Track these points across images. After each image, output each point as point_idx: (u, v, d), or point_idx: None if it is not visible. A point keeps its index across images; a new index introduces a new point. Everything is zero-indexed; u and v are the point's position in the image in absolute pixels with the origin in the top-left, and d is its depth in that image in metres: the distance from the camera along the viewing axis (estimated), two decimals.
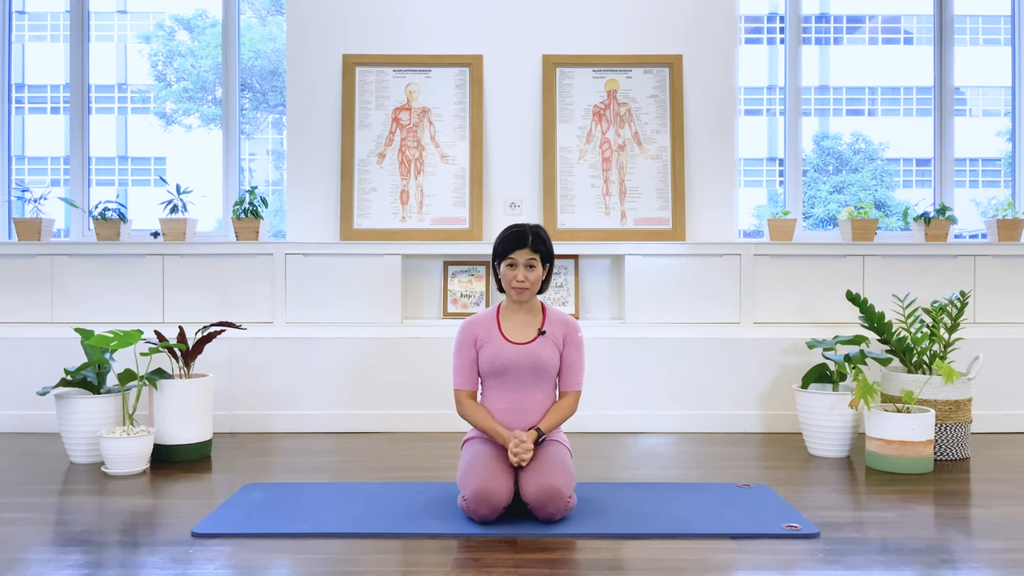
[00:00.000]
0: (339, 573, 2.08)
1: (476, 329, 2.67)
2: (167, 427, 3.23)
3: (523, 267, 2.62)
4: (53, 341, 3.77)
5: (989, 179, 4.95)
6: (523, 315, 2.69)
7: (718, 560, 2.18)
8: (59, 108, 4.69)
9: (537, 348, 2.62)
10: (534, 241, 2.62)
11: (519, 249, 2.61)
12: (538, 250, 2.62)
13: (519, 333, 2.65)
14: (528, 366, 2.61)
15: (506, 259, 2.63)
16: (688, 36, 4.16)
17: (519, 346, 2.62)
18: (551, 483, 2.39)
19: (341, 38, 4.15)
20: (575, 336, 2.68)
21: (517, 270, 2.62)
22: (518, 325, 2.67)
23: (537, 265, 2.63)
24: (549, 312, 2.72)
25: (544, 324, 2.68)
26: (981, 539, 2.36)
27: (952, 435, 3.30)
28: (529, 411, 2.61)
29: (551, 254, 2.69)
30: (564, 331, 2.68)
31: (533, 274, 2.63)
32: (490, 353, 2.62)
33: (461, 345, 2.67)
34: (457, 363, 2.67)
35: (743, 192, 4.44)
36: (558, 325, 2.68)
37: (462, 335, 2.67)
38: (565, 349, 2.67)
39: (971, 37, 4.77)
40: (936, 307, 3.47)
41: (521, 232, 2.63)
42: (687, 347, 3.83)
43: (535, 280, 2.64)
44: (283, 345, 3.83)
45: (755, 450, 3.48)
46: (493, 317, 2.69)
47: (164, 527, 2.44)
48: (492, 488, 2.38)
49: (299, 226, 4.14)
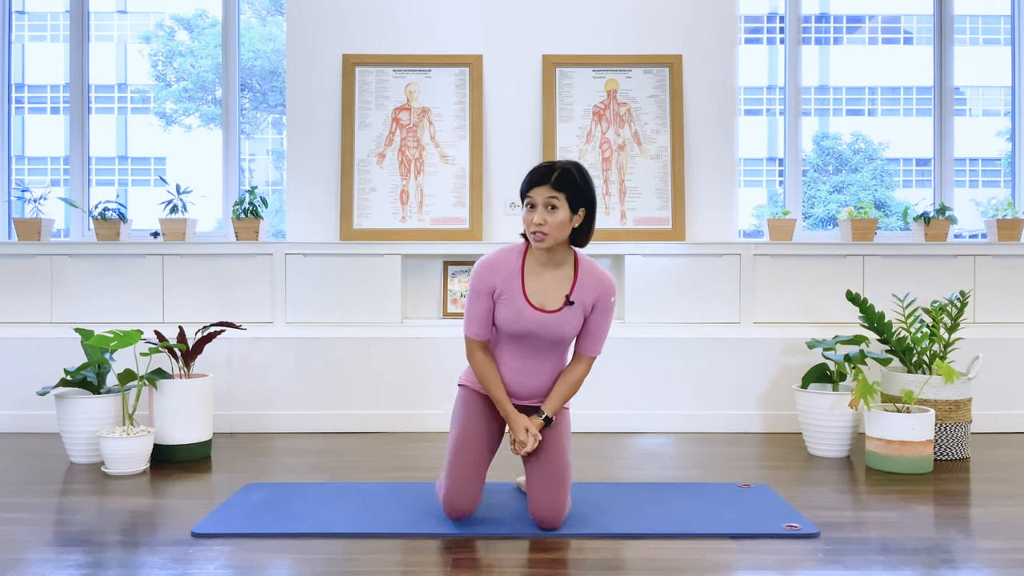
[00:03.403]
0: (339, 573, 2.08)
1: (495, 279, 2.31)
2: (167, 427, 3.23)
3: (542, 207, 2.23)
4: (53, 341, 3.77)
5: (989, 179, 4.96)
6: (552, 271, 2.32)
7: (718, 560, 2.18)
8: (59, 108, 4.69)
9: (562, 320, 2.30)
10: (558, 178, 2.22)
11: (538, 186, 2.23)
12: (562, 189, 2.22)
13: (545, 296, 2.30)
14: (548, 338, 2.33)
15: (525, 198, 2.27)
16: (688, 36, 4.16)
17: (543, 314, 2.30)
18: (560, 502, 2.33)
19: (341, 38, 4.15)
20: (607, 301, 2.33)
21: (536, 211, 2.24)
22: (545, 284, 2.31)
23: (561, 207, 2.23)
24: (582, 270, 2.33)
25: (574, 290, 2.30)
26: (981, 539, 2.36)
27: (952, 435, 3.30)
28: (541, 374, 2.38)
29: (588, 198, 2.26)
30: (596, 295, 2.32)
31: (554, 217, 2.22)
32: (508, 314, 2.30)
33: (476, 294, 2.31)
34: (471, 310, 2.33)
35: (743, 192, 4.44)
36: (590, 289, 2.31)
37: (479, 282, 2.31)
38: (593, 314, 2.33)
39: (971, 37, 4.77)
40: (936, 307, 3.47)
41: (545, 167, 2.25)
42: (687, 347, 3.83)
43: (557, 225, 2.22)
44: (283, 345, 3.83)
45: (755, 450, 3.48)
46: (517, 269, 2.31)
47: (164, 527, 2.44)
48: (463, 501, 2.34)
49: (299, 226, 4.14)
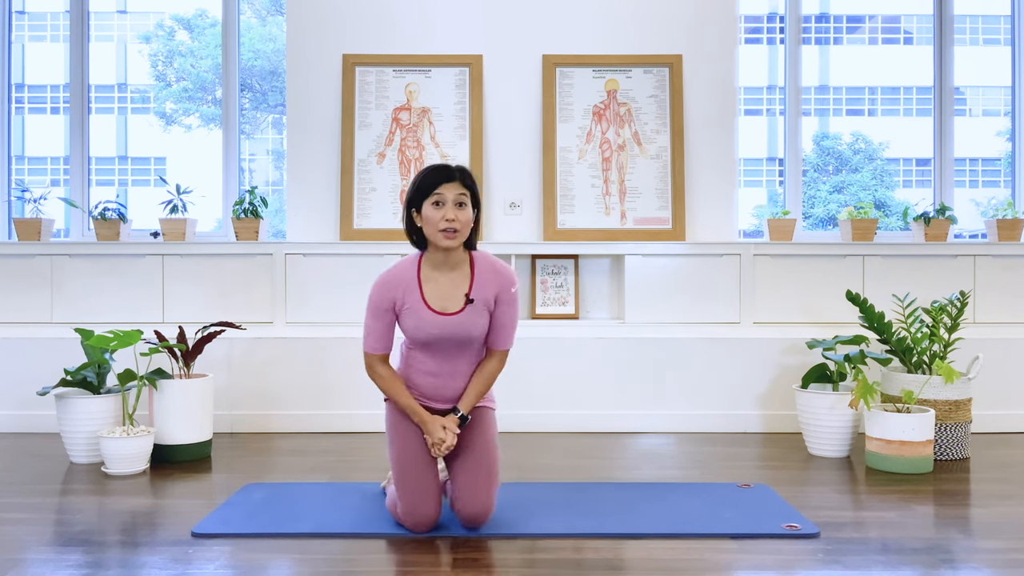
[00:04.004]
0: (339, 573, 2.08)
1: (394, 292, 2.31)
2: (167, 427, 3.23)
3: (452, 204, 2.23)
4: (53, 341, 3.77)
5: (989, 179, 4.96)
6: (448, 273, 2.32)
7: (718, 560, 2.18)
8: (59, 108, 4.69)
9: (465, 320, 2.30)
10: (462, 174, 2.27)
11: (447, 183, 2.24)
12: (469, 186, 2.27)
13: (444, 299, 2.31)
14: (455, 340, 2.33)
15: (431, 196, 2.24)
16: (688, 36, 4.16)
17: (445, 317, 2.30)
18: (485, 502, 2.31)
19: (341, 38, 4.15)
20: (509, 293, 2.33)
21: (445, 208, 2.23)
22: (443, 288, 2.31)
23: (467, 204, 2.26)
24: (478, 266, 2.33)
25: (472, 288, 2.30)
26: (981, 539, 2.36)
27: (952, 435, 3.30)
28: (456, 376, 2.38)
29: (478, 198, 2.32)
30: (497, 289, 2.32)
31: (464, 214, 2.25)
32: (412, 323, 2.31)
33: (376, 308, 2.32)
34: (370, 324, 2.33)
35: (743, 192, 4.44)
36: (490, 284, 2.32)
37: (378, 299, 2.32)
38: (497, 308, 2.33)
39: (971, 37, 4.77)
40: (936, 307, 3.47)
41: (444, 166, 2.28)
42: (687, 347, 3.83)
43: (466, 222, 2.26)
44: (283, 345, 3.83)
45: (755, 450, 3.48)
46: (414, 277, 2.32)
47: (164, 527, 2.44)
48: (424, 513, 2.31)
49: (299, 226, 4.14)
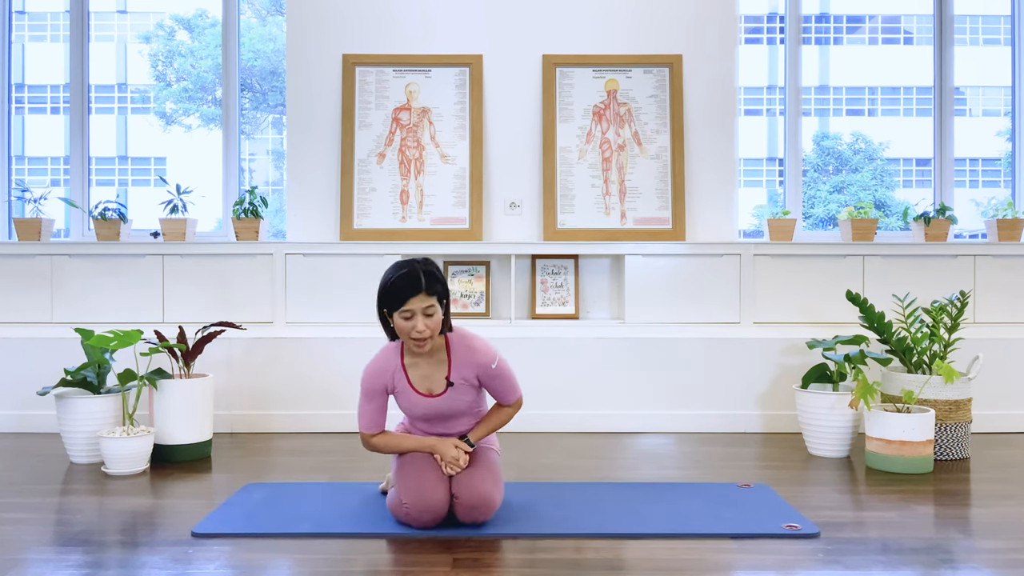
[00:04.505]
0: (339, 573, 2.08)
1: (383, 379, 2.44)
2: (167, 427, 3.23)
3: (421, 316, 2.30)
4: (53, 341, 3.77)
5: (989, 179, 4.96)
6: (427, 359, 2.43)
7: (718, 560, 2.18)
8: (59, 108, 4.69)
9: (450, 400, 2.45)
10: (428, 282, 2.30)
11: (414, 296, 2.28)
12: (434, 291, 2.31)
13: (429, 381, 2.44)
14: (448, 414, 2.48)
15: (400, 310, 2.30)
16: (688, 36, 4.16)
17: (431, 399, 2.45)
18: (482, 493, 2.34)
19: (341, 38, 4.15)
20: (489, 370, 2.43)
21: (415, 320, 2.30)
22: (425, 373, 2.44)
23: (436, 310, 2.32)
24: (454, 349, 2.43)
25: (451, 372, 2.42)
26: (981, 539, 2.36)
27: (952, 435, 3.30)
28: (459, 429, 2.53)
29: (447, 290, 2.37)
30: (476, 370, 2.43)
31: (433, 321, 2.32)
32: (405, 404, 2.48)
33: (371, 392, 2.44)
34: (364, 407, 2.45)
35: (743, 192, 4.44)
36: (468, 365, 2.42)
37: (371, 384, 2.44)
38: (485, 383, 2.46)
39: (971, 37, 4.77)
40: (936, 307, 3.47)
41: (412, 274, 2.30)
42: (687, 347, 3.83)
43: (436, 326, 2.33)
44: (283, 345, 3.83)
45: (755, 450, 3.48)
46: (399, 365, 2.44)
47: (164, 527, 2.44)
48: (433, 498, 2.33)
49: (299, 226, 4.14)
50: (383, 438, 2.50)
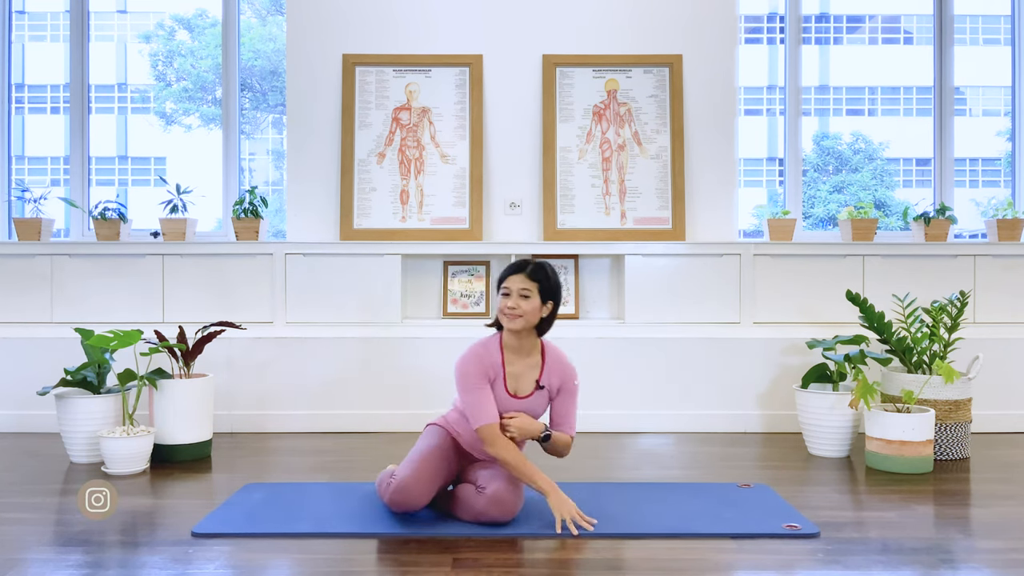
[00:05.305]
0: (339, 573, 2.08)
1: (486, 367, 2.49)
2: (167, 427, 3.23)
3: (516, 294, 2.47)
4: (53, 341, 3.77)
5: (989, 179, 4.95)
6: (524, 359, 2.54)
7: (718, 560, 2.18)
8: (59, 108, 4.69)
9: (533, 403, 2.54)
10: (533, 270, 2.49)
11: (514, 275, 2.49)
12: (536, 279, 2.48)
13: (519, 382, 2.53)
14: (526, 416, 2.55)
15: (500, 288, 2.51)
16: (688, 36, 4.16)
17: (518, 400, 2.52)
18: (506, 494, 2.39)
19: (341, 38, 4.15)
20: (570, 384, 2.56)
21: (511, 298, 2.47)
22: (518, 371, 2.53)
23: (533, 295, 2.47)
24: (548, 356, 2.57)
25: (543, 375, 2.54)
26: (981, 539, 2.36)
27: (952, 435, 3.30)
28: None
29: (554, 292, 2.51)
30: (560, 380, 2.55)
31: (527, 303, 2.46)
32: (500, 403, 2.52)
33: (478, 378, 2.47)
34: (478, 399, 2.45)
35: (743, 192, 4.44)
36: (556, 374, 2.55)
37: (476, 371, 2.47)
38: (559, 396, 2.56)
39: (971, 37, 4.77)
40: (936, 307, 3.47)
41: (521, 262, 2.53)
42: (687, 347, 3.83)
43: (528, 311, 2.46)
44: (283, 345, 3.83)
45: (755, 450, 3.48)
46: (499, 361, 2.52)
47: (164, 527, 2.44)
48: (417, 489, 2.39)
49: (299, 226, 4.14)
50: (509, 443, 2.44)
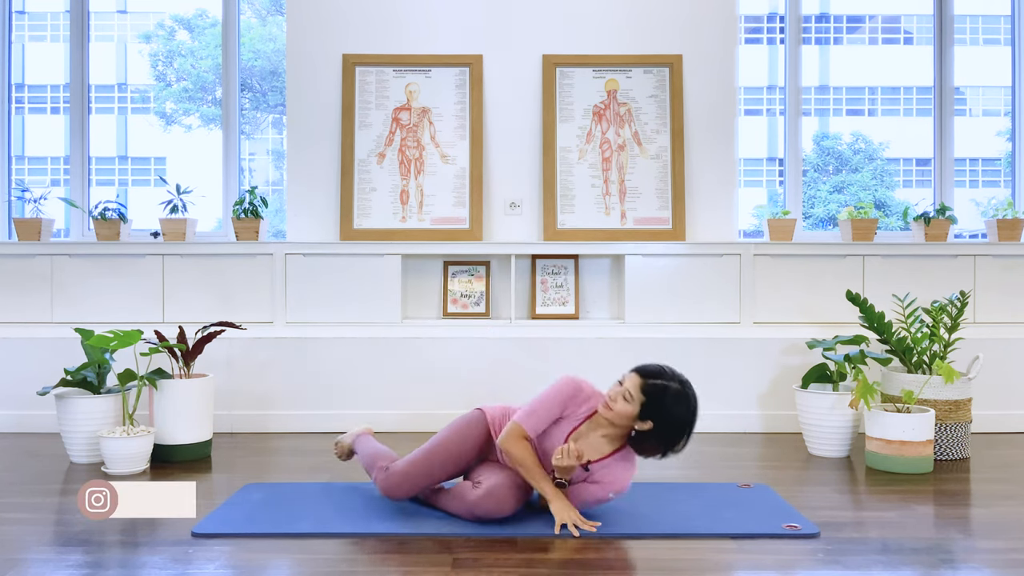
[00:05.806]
0: (339, 573, 2.08)
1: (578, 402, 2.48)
2: (167, 427, 3.23)
3: (624, 391, 2.39)
4: (53, 341, 3.77)
5: (989, 179, 4.95)
6: (600, 437, 2.46)
7: (718, 560, 2.18)
8: (59, 108, 4.69)
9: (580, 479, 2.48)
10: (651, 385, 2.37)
11: (635, 374, 2.42)
12: (646, 393, 2.36)
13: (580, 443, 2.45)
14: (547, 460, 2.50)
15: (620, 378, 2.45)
16: (688, 36, 4.16)
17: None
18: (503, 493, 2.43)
19: (341, 38, 4.15)
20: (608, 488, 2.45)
21: (618, 389, 2.41)
22: (589, 439, 2.46)
23: (633, 404, 2.36)
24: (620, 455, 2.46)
25: (598, 463, 2.45)
26: (981, 539, 2.36)
27: (952, 435, 3.30)
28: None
29: (657, 415, 2.36)
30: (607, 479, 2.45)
31: (622, 406, 2.37)
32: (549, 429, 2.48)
33: (557, 400, 2.47)
34: (540, 410, 2.46)
35: (743, 192, 4.44)
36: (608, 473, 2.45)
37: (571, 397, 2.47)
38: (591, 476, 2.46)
39: (971, 37, 4.77)
40: (936, 307, 3.47)
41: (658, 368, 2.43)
42: (687, 347, 3.83)
43: (619, 413, 2.37)
44: (283, 345, 3.83)
45: (755, 450, 3.48)
46: (587, 414, 2.48)
47: (164, 527, 2.44)
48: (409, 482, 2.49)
49: (299, 226, 4.14)
50: (527, 446, 2.45)
